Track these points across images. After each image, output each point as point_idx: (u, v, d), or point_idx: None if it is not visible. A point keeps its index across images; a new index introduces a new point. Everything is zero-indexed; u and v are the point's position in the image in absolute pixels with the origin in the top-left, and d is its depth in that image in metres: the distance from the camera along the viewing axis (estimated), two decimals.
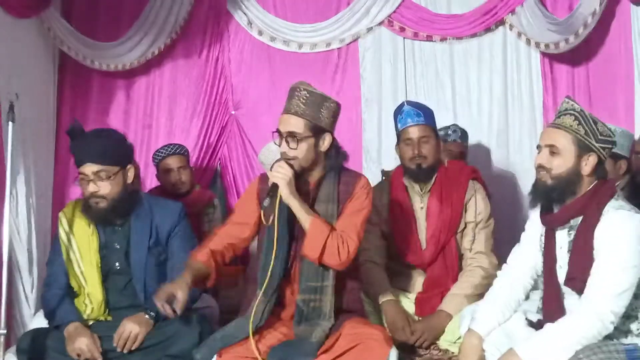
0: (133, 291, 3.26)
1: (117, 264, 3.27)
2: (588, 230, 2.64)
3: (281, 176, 2.85)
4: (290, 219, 2.97)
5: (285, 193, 2.85)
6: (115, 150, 3.23)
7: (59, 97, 5.10)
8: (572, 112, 2.71)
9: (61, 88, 5.13)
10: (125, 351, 3.04)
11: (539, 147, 2.77)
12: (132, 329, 3.04)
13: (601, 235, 2.60)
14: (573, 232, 2.71)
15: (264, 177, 3.16)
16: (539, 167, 2.74)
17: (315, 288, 2.97)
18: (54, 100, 5.04)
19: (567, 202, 2.72)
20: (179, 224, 3.36)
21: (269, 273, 2.93)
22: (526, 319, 2.86)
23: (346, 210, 3.00)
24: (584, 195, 2.69)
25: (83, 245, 3.26)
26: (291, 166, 2.90)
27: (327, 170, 3.04)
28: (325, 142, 2.99)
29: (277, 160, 2.95)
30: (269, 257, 2.95)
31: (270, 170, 2.95)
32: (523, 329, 2.81)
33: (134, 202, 3.32)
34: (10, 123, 2.94)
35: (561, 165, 2.68)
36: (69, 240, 3.28)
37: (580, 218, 2.69)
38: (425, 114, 3.63)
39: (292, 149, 2.92)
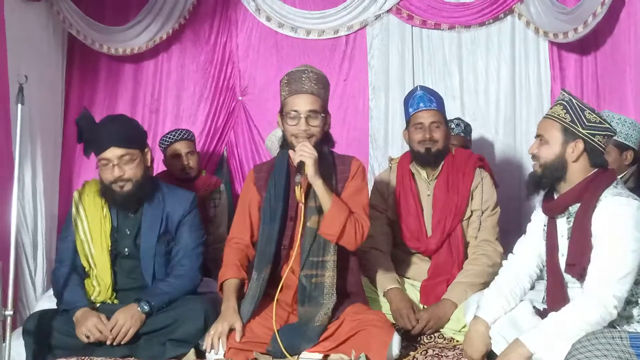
0: (140, 275, 3.30)
1: (126, 249, 3.31)
2: (585, 217, 2.67)
3: (308, 155, 2.91)
4: (286, 198, 3.05)
5: (311, 172, 2.91)
6: (135, 134, 3.31)
7: (67, 81, 5.11)
8: (561, 101, 2.79)
9: (69, 72, 5.14)
10: (115, 344, 3.05)
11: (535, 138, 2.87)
12: (123, 324, 3.04)
13: (598, 220, 2.63)
14: (572, 219, 2.74)
15: (258, 167, 3.28)
16: (532, 157, 2.86)
17: (317, 263, 3.02)
18: (62, 83, 5.05)
19: (563, 190, 2.77)
20: (189, 213, 3.39)
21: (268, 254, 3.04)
22: (533, 307, 2.88)
23: (348, 190, 3.08)
24: (582, 182, 2.73)
25: (95, 228, 3.30)
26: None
27: (325, 150, 3.10)
28: (329, 122, 3.11)
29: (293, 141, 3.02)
30: (267, 231, 3.05)
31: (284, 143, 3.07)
32: (529, 317, 2.82)
33: (154, 187, 3.37)
34: (19, 105, 2.94)
35: (549, 153, 2.77)
36: (81, 221, 3.32)
37: (578, 205, 2.72)
38: (438, 100, 3.66)
39: (313, 126, 2.99)
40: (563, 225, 2.79)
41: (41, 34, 4.67)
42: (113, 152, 3.16)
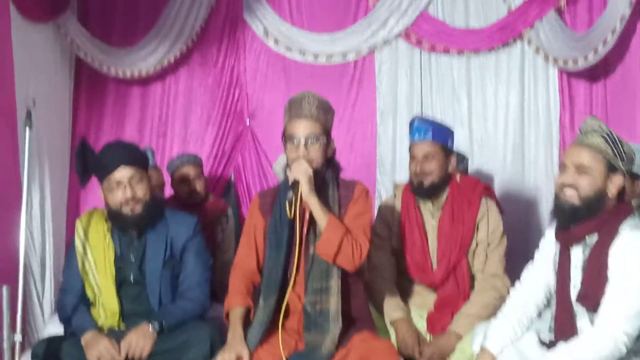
0: (146, 300, 3.28)
1: (131, 276, 3.28)
2: (603, 248, 2.62)
3: (302, 172, 2.88)
4: (291, 224, 3.00)
5: (306, 190, 2.87)
6: (139, 154, 3.32)
7: (74, 104, 5.13)
8: (599, 131, 2.67)
9: (77, 94, 5.16)
10: None
11: (563, 165, 2.72)
12: (137, 344, 3.03)
13: (616, 254, 2.58)
14: (588, 250, 2.68)
15: (263, 193, 3.26)
16: (565, 186, 2.69)
17: (320, 289, 2.98)
18: (70, 106, 5.06)
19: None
20: (193, 239, 3.37)
21: (274, 276, 3.00)
22: (539, 338, 2.83)
23: (350, 214, 3.04)
24: (603, 213, 2.67)
25: (98, 257, 3.28)
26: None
27: (328, 176, 3.07)
28: (331, 148, 3.08)
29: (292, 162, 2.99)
30: (273, 258, 3.02)
31: (288, 167, 3.01)
32: (536, 348, 2.78)
33: (161, 208, 3.38)
34: (27, 129, 2.93)
35: (590, 185, 2.64)
36: (84, 250, 3.30)
37: (596, 236, 2.67)
38: (435, 130, 3.53)
39: (312, 150, 2.96)
40: (578, 256, 2.73)
41: (49, 57, 4.68)
42: (123, 173, 3.16)
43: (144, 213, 3.23)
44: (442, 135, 3.57)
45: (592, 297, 2.62)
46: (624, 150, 2.65)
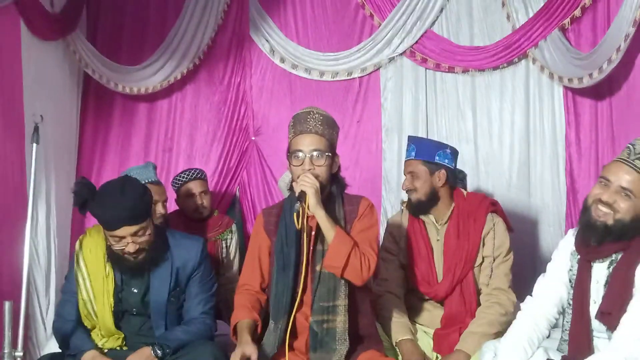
0: (150, 331, 3.19)
1: (134, 309, 3.18)
2: (630, 265, 2.55)
3: (309, 185, 2.85)
4: (297, 244, 2.97)
5: (313, 202, 2.83)
6: (144, 205, 3.05)
7: (81, 120, 5.17)
8: None
9: (84, 110, 5.20)
10: None
11: (606, 180, 2.61)
12: None
13: None
14: (612, 266, 2.61)
15: (267, 211, 3.21)
16: (602, 203, 2.59)
17: (327, 308, 2.94)
18: (77, 122, 5.10)
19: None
20: (199, 267, 3.25)
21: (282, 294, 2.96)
22: (548, 358, 2.78)
23: (356, 229, 3.01)
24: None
25: (97, 286, 3.14)
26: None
27: (334, 192, 3.05)
28: (337, 163, 3.06)
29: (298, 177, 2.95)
30: (282, 280, 2.96)
31: (293, 182, 2.98)
32: None
33: (164, 242, 3.22)
34: (34, 145, 2.95)
35: (630, 210, 2.54)
36: (83, 278, 3.16)
37: (622, 252, 2.60)
38: (420, 148, 3.57)
39: (318, 166, 2.94)
40: (601, 272, 2.64)
41: (57, 73, 4.72)
42: (126, 230, 2.95)
43: (147, 257, 3.08)
44: (426, 152, 3.58)
45: (614, 316, 2.54)
46: None
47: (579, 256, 2.74)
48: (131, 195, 3.00)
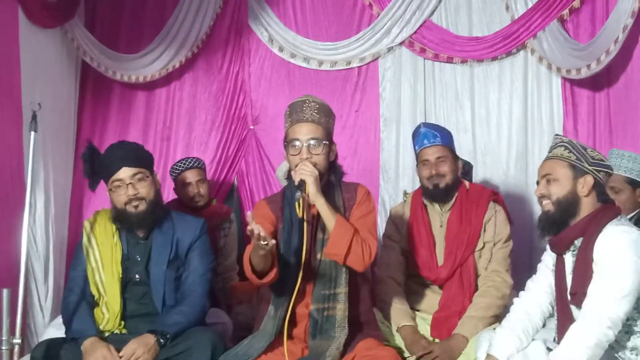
0: (150, 301, 3.29)
1: (137, 275, 3.30)
2: (587, 247, 2.70)
3: (308, 173, 2.86)
4: (301, 232, 2.96)
5: (312, 190, 2.85)
6: (144, 154, 3.37)
7: (79, 108, 5.15)
8: (561, 143, 2.88)
9: (82, 98, 5.19)
10: None
11: (538, 182, 2.92)
12: (140, 355, 3.01)
13: (599, 247, 2.66)
14: (576, 253, 2.76)
15: (270, 199, 3.21)
16: (541, 198, 2.88)
17: (328, 296, 2.97)
18: (75, 110, 5.08)
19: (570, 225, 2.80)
20: (199, 239, 3.39)
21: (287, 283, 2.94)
22: (546, 348, 2.83)
23: (355, 216, 3.03)
24: (587, 216, 2.77)
25: (106, 256, 3.30)
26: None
27: (332, 180, 3.07)
28: (334, 152, 3.07)
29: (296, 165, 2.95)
30: (287, 268, 2.94)
31: (292, 171, 2.98)
32: (542, 357, 2.78)
33: (165, 211, 3.40)
34: (32, 133, 2.95)
35: (559, 189, 2.80)
36: (92, 249, 3.32)
37: (581, 238, 2.75)
38: (442, 134, 3.66)
39: (315, 154, 2.95)
40: (569, 260, 2.81)
41: (55, 61, 4.70)
42: (125, 172, 3.21)
43: (148, 211, 3.26)
44: (449, 139, 3.69)
45: (579, 293, 2.69)
46: (588, 154, 2.81)
47: None
48: (129, 144, 3.41)
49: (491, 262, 3.57)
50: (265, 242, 2.58)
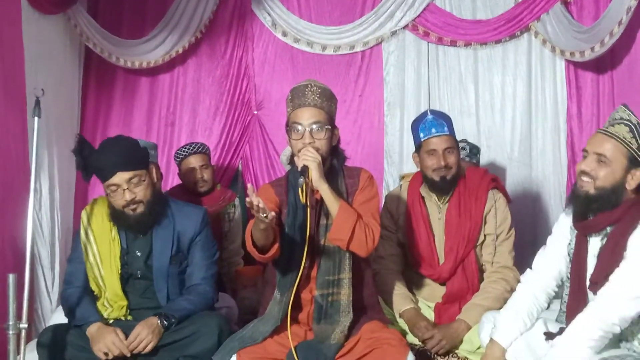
0: (153, 295, 3.26)
1: (138, 271, 3.26)
2: (621, 237, 2.57)
3: (311, 159, 2.83)
4: (304, 218, 2.95)
5: (316, 176, 2.82)
6: (138, 154, 3.21)
7: (83, 94, 5.15)
8: (627, 122, 2.59)
9: (86, 84, 5.18)
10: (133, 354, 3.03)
11: (585, 151, 2.66)
12: (144, 337, 3.01)
13: (634, 243, 2.53)
14: (606, 239, 2.64)
15: (274, 183, 3.19)
16: (583, 173, 2.64)
17: (332, 281, 2.97)
18: (79, 96, 5.08)
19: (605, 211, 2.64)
20: (201, 233, 3.35)
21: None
22: (546, 328, 2.82)
23: (358, 201, 3.02)
24: (624, 204, 2.60)
25: (104, 251, 3.25)
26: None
27: (335, 165, 3.06)
28: (336, 136, 3.05)
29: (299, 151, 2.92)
30: (291, 254, 2.94)
31: (295, 156, 2.95)
32: (544, 343, 2.75)
33: (164, 204, 3.32)
34: (35, 118, 2.95)
35: (608, 176, 2.59)
36: (89, 243, 3.27)
37: (616, 225, 2.62)
38: (449, 124, 3.54)
39: (318, 139, 2.92)
40: (596, 244, 2.67)
41: (58, 47, 4.70)
42: (121, 177, 3.09)
43: (146, 213, 3.18)
44: (453, 128, 3.59)
45: (599, 284, 2.58)
46: None
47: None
48: (125, 143, 3.21)
49: (497, 256, 3.51)
50: (265, 215, 2.56)
